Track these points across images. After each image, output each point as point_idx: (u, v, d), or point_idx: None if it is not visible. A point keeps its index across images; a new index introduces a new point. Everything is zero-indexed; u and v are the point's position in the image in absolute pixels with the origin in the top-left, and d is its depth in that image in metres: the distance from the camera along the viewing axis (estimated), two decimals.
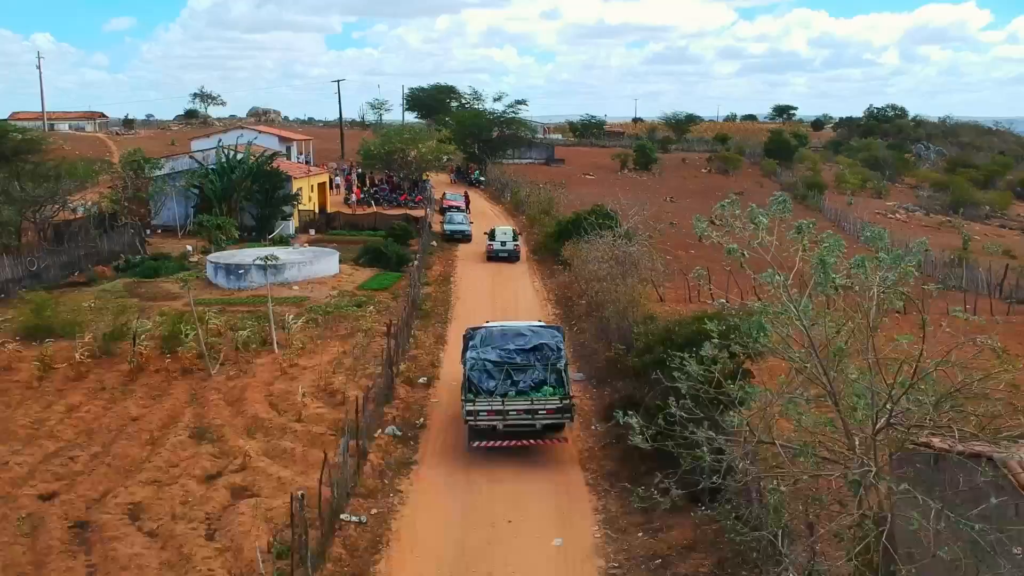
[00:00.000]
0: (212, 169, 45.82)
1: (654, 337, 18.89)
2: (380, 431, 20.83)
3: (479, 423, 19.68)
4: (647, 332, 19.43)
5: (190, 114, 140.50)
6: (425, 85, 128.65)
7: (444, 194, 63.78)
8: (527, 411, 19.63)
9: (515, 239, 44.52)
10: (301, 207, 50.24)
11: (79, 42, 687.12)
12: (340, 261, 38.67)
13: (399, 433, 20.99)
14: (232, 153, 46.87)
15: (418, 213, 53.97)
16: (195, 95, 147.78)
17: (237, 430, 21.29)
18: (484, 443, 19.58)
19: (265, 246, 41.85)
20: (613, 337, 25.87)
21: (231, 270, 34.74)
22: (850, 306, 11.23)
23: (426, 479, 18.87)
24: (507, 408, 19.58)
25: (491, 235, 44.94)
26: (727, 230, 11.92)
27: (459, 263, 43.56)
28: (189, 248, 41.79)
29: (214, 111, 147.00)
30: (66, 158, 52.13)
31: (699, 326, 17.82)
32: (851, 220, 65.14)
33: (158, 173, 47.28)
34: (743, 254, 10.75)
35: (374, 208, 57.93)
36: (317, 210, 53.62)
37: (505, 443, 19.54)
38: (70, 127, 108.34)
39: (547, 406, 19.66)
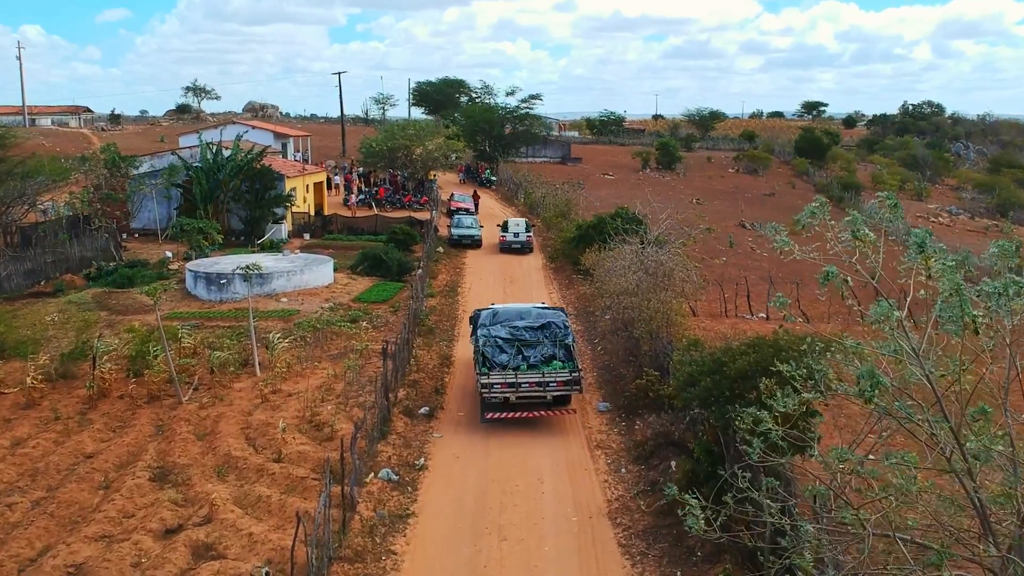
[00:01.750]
0: (197, 167, 43.62)
1: (699, 367, 16.50)
2: (372, 475, 18.51)
3: (493, 395, 21.36)
4: (692, 361, 17.04)
5: (182, 109, 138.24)
6: (433, 79, 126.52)
7: (452, 195, 61.40)
8: (538, 383, 21.43)
9: (528, 230, 46.55)
10: (295, 209, 48.00)
11: (71, 35, 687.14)
12: (335, 269, 36.38)
13: (395, 477, 18.65)
14: (218, 149, 44.63)
15: (423, 216, 51.61)
16: (187, 89, 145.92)
17: (206, 471, 19.09)
18: (497, 414, 21.34)
19: (253, 252, 39.71)
20: (644, 360, 23.54)
21: (212, 280, 32.45)
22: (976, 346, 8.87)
23: (426, 536, 16.52)
24: (519, 381, 21.40)
25: (504, 227, 46.80)
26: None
27: (468, 271, 41.22)
28: (168, 254, 39.58)
29: (208, 106, 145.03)
30: (36, 153, 49.95)
31: (756, 356, 15.49)
32: (894, 224, 62.52)
33: (137, 171, 45.01)
34: (846, 279, 8.29)
35: (374, 210, 55.62)
36: (313, 212, 51.37)
37: (517, 414, 21.38)
38: (53, 122, 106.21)
39: (557, 378, 21.47)
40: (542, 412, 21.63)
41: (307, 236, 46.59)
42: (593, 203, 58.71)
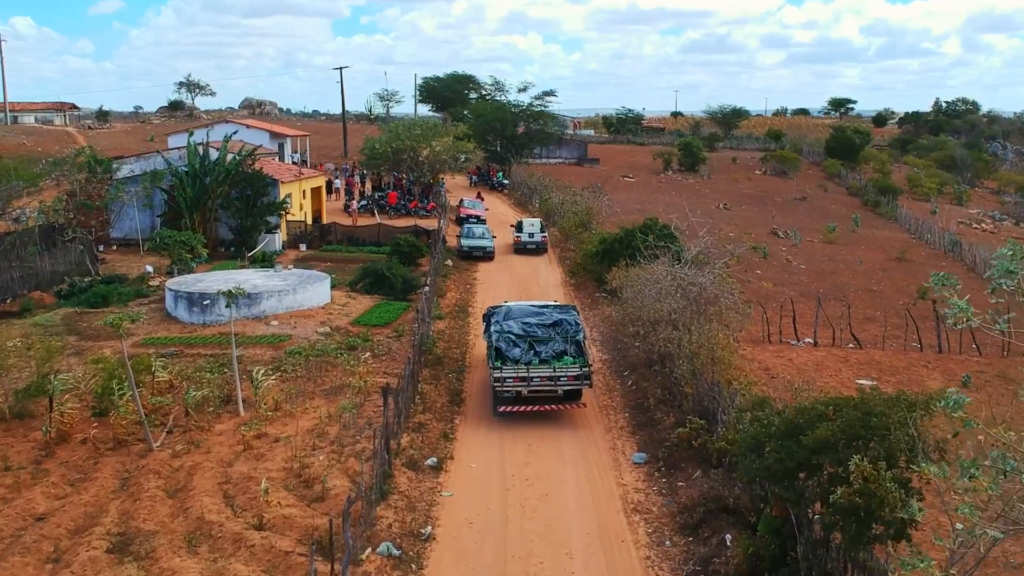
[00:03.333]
0: (182, 171, 41.40)
1: (766, 430, 14.12)
2: (370, 550, 16.15)
3: (505, 389, 22.58)
4: (756, 421, 14.67)
5: (174, 106, 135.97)
6: (440, 74, 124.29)
7: (461, 201, 59.03)
8: (550, 378, 22.67)
9: (542, 231, 47.78)
10: (290, 217, 45.76)
11: (62, 27, 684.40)
12: (333, 286, 34.02)
13: (396, 552, 16.27)
14: (206, 151, 42.37)
15: (429, 224, 49.29)
16: (181, 84, 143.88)
17: (175, 540, 16.75)
18: (509, 408, 22.54)
19: (243, 266, 37.49)
20: (686, 404, 21.17)
21: (194, 300, 30.09)
22: None
23: None
24: (532, 375, 22.59)
25: (518, 227, 47.78)
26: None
27: (480, 288, 38.88)
28: (149, 268, 37.29)
29: (203, 102, 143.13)
30: (1, 157, 47.75)
31: (841, 423, 13.09)
32: (936, 232, 59.84)
33: (117, 175, 42.75)
34: None
35: (377, 218, 53.32)
36: (310, 220, 49.11)
37: (529, 408, 22.61)
38: (36, 120, 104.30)
39: (568, 373, 22.69)
40: (554, 407, 22.84)
41: (303, 247, 44.34)
42: (614, 209, 56.48)
